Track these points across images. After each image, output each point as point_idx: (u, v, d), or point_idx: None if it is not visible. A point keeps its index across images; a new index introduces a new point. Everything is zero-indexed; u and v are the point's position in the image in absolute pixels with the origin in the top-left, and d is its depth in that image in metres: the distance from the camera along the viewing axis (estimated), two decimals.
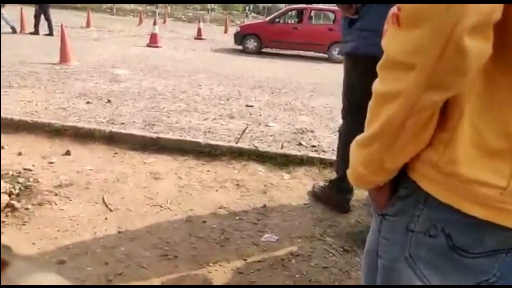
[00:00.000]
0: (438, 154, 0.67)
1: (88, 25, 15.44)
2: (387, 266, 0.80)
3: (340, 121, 2.51)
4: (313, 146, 4.15)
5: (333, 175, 2.82)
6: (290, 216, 2.44)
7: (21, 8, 12.84)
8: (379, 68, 0.67)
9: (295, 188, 2.80)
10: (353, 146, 0.80)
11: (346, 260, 2.05)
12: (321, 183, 2.73)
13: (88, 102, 5.05)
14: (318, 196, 2.64)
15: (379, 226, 0.82)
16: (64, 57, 7.51)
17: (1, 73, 5.93)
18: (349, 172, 0.84)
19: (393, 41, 0.62)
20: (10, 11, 14.04)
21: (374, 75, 0.86)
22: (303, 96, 6.61)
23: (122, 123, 4.32)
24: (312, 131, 4.67)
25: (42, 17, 12.01)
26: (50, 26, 11.89)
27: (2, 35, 10.11)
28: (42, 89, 5.51)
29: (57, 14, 18.99)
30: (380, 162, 0.71)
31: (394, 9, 0.61)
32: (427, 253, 0.72)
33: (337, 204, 2.53)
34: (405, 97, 0.62)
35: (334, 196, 2.54)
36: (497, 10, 0.55)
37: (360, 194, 2.76)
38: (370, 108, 0.70)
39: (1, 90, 4.97)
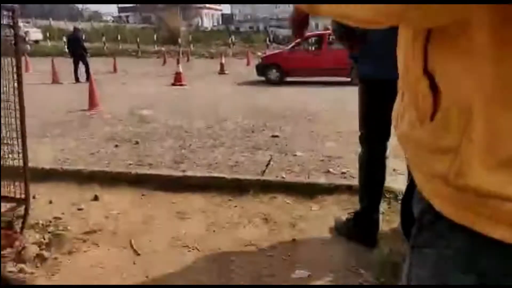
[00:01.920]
0: (447, 163, 0.57)
1: (115, 70, 16.08)
2: None
3: None
4: (343, 173, 4.06)
5: None
6: (321, 249, 2.35)
7: (52, 60, 13.55)
8: None
9: (325, 219, 2.71)
10: None
11: None
12: (343, 217, 2.60)
13: (116, 146, 5.16)
14: (340, 231, 2.52)
15: (410, 257, 0.74)
16: (92, 104, 7.79)
17: (36, 124, 6.18)
18: None
19: None
20: (41, 62, 14.82)
21: (391, 100, 0.80)
22: (328, 122, 6.55)
23: (150, 164, 4.37)
24: (340, 157, 4.58)
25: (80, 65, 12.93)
26: (87, 72, 12.58)
27: (37, 86, 10.66)
28: (73, 136, 5.70)
29: None
30: None
31: None
32: None
33: (362, 238, 2.37)
34: None
35: (358, 230, 2.39)
36: None
37: (391, 220, 2.64)
38: None
39: (36, 140, 5.16)
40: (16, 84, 2.23)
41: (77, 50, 12.99)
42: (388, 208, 2.81)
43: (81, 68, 13.02)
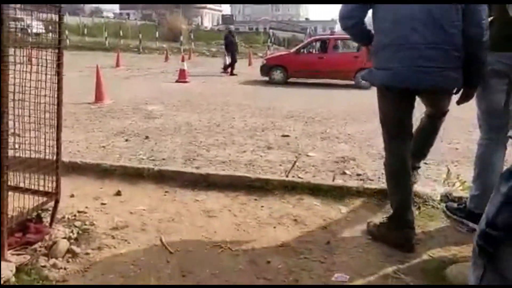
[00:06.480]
0: None
1: (118, 64, 15.92)
2: None
3: (380, 147, 2.51)
4: (358, 175, 4.02)
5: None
6: (357, 253, 2.29)
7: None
8: None
9: (356, 221, 2.65)
10: None
11: None
12: (376, 221, 2.54)
13: (126, 140, 5.09)
14: (375, 235, 2.46)
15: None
16: (99, 97, 7.69)
17: None
18: None
19: None
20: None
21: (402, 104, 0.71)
22: (337, 124, 6.50)
23: (163, 159, 4.31)
24: (353, 159, 4.54)
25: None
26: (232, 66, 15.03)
27: (39, 77, 10.47)
28: (82, 128, 5.60)
29: (87, 56, 19.74)
30: None
31: None
32: None
33: (398, 243, 2.31)
34: None
35: (393, 234, 2.33)
36: None
37: (423, 225, 2.60)
38: None
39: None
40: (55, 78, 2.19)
41: (230, 47, 15.07)
42: (419, 213, 2.76)
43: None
